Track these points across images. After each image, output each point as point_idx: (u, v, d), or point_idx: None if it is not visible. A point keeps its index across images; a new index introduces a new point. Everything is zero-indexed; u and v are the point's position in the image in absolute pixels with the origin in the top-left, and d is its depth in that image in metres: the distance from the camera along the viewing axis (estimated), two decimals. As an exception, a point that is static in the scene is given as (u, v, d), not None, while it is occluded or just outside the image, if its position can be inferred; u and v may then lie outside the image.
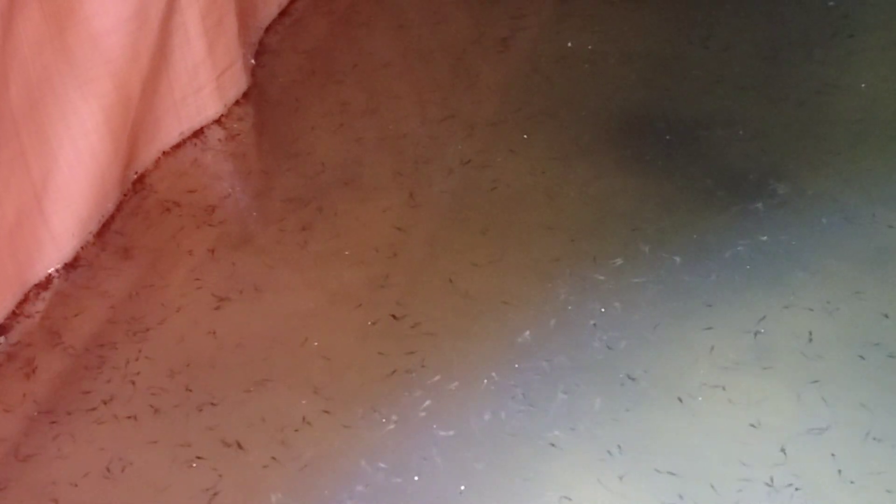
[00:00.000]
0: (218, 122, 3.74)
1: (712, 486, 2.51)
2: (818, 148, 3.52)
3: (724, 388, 2.73)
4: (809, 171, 3.42)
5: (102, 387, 2.82)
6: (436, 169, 3.52)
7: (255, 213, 3.41)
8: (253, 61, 4.01)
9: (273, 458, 2.62)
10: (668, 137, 3.60)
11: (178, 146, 3.63)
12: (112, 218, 3.34)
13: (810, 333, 2.86)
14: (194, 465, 2.62)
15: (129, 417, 2.74)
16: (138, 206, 3.41)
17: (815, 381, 2.74)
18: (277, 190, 3.49)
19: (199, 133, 3.69)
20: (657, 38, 4.10)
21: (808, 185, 3.36)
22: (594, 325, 2.92)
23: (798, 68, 3.89)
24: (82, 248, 3.23)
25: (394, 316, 2.98)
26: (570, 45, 4.08)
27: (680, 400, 2.71)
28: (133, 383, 2.83)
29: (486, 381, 2.79)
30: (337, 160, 3.59)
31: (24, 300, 3.07)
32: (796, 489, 2.50)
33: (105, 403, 2.78)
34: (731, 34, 4.09)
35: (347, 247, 3.24)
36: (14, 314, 3.03)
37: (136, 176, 3.49)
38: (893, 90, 3.78)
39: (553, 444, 2.62)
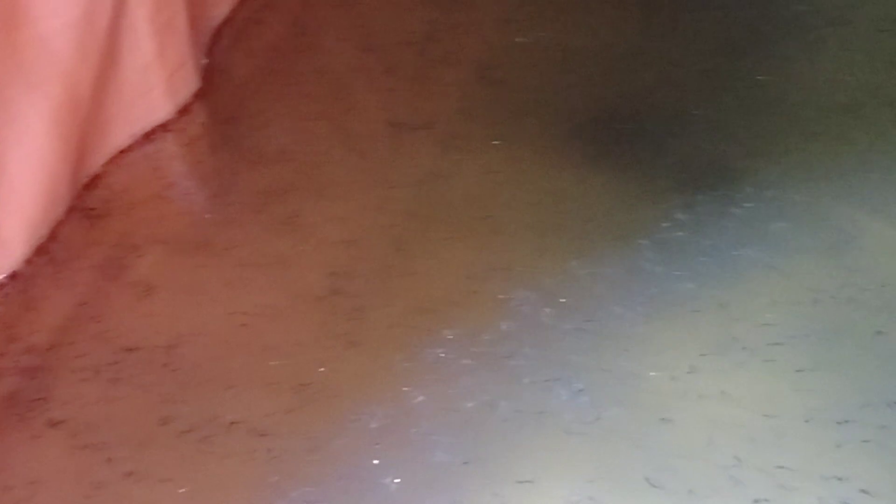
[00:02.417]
0: (169, 123, 3.69)
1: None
2: (775, 142, 3.56)
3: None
4: (767, 165, 3.46)
5: (53, 394, 2.77)
6: (395, 168, 3.51)
7: (209, 215, 3.38)
8: (205, 61, 3.96)
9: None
10: (624, 133, 3.62)
11: (129, 148, 3.58)
12: (63, 222, 3.29)
13: (769, 326, 2.89)
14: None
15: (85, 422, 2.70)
16: (90, 210, 3.36)
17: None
18: (232, 190, 3.45)
19: (150, 134, 3.64)
20: (611, 33, 4.13)
21: (765, 180, 3.39)
22: (549, 312, 2.93)
23: (756, 63, 3.93)
24: (33, 253, 3.17)
25: (355, 313, 2.96)
26: (519, 40, 4.09)
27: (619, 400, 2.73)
28: (85, 391, 2.79)
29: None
30: (292, 160, 3.56)
31: (-26, 308, 3.02)
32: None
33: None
34: (688, 28, 4.12)
35: (307, 247, 3.21)
36: (-36, 322, 2.97)
37: (87, 179, 3.44)
38: (850, 85, 3.82)
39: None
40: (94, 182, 3.45)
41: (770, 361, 2.80)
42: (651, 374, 2.78)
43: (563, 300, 2.99)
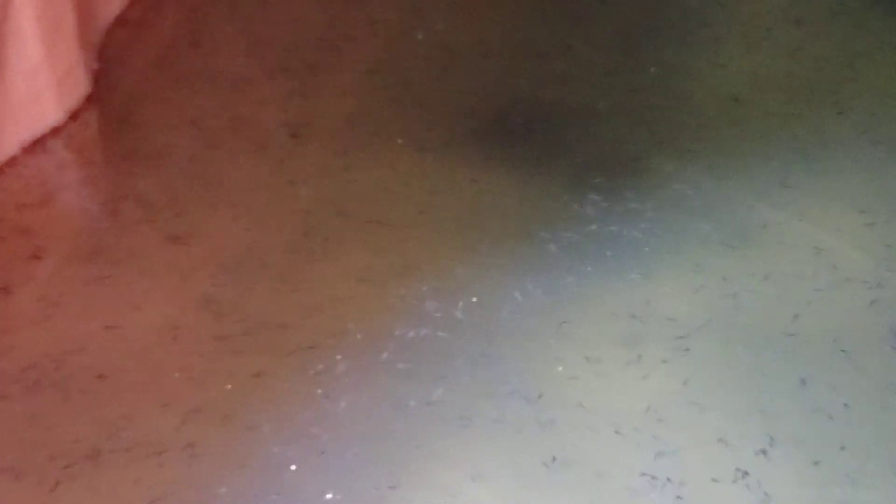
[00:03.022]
0: (60, 128, 3.58)
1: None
2: (680, 135, 3.60)
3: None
4: (673, 158, 3.49)
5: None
6: (290, 172, 3.45)
7: (104, 223, 3.28)
8: (96, 65, 3.86)
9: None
10: (525, 129, 3.62)
11: (18, 156, 3.46)
12: (-50, 234, 3.18)
13: (674, 320, 2.92)
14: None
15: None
16: (-22, 221, 3.25)
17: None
18: (128, 197, 3.36)
19: (40, 141, 3.52)
20: (510, 27, 4.14)
21: (672, 173, 3.42)
22: (460, 318, 2.92)
23: (660, 56, 3.97)
24: (-82, 269, 3.06)
25: (262, 323, 2.92)
26: (420, 37, 4.07)
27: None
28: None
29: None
30: (187, 164, 3.49)
31: None
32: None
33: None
34: (592, 23, 4.15)
35: (204, 254, 3.14)
36: None
37: (-26, 189, 3.33)
38: (752, 76, 3.88)
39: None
40: (-19, 192, 3.34)
41: (678, 353, 2.83)
42: (559, 368, 2.80)
43: (472, 298, 2.98)
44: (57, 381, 2.76)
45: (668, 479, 2.52)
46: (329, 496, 2.49)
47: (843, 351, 2.83)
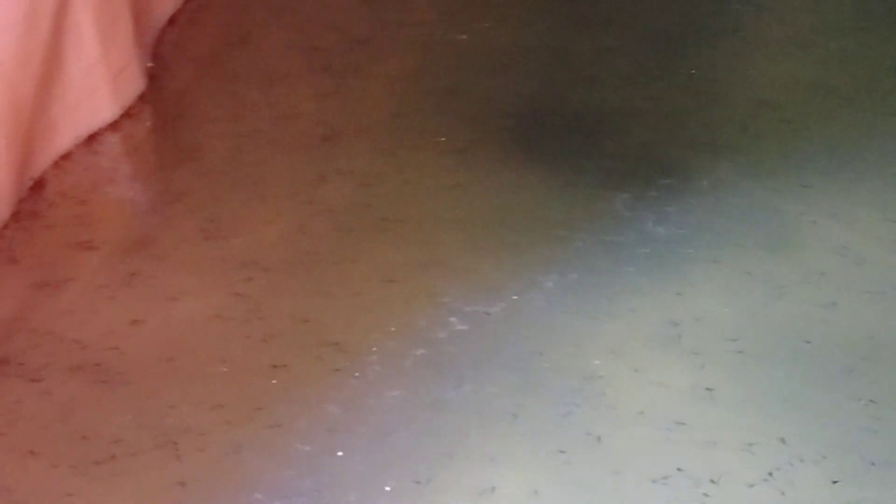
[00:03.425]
0: (115, 124, 3.66)
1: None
2: (713, 137, 3.62)
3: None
4: (704, 159, 3.51)
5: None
6: (337, 168, 3.51)
7: (154, 216, 3.36)
8: (150, 63, 3.94)
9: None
10: (565, 129, 3.65)
11: (74, 150, 3.54)
12: (8, 225, 3.25)
13: (711, 321, 2.93)
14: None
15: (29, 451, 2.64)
16: (35, 213, 3.32)
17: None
18: (176, 192, 3.43)
19: (95, 136, 3.61)
20: (549, 31, 4.16)
21: (703, 174, 3.44)
22: (486, 313, 2.94)
23: (693, 58, 3.98)
24: (-23, 257, 3.15)
25: (295, 319, 2.95)
26: (463, 37, 4.11)
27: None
28: (35, 393, 2.76)
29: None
30: (235, 162, 3.56)
31: (-83, 313, 2.97)
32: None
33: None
34: (626, 25, 4.17)
35: (253, 247, 3.20)
36: None
37: (31, 182, 3.40)
38: (789, 79, 3.89)
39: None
40: (39, 185, 3.41)
41: (715, 353, 2.85)
42: (594, 364, 2.82)
43: (509, 296, 3.01)
44: (95, 370, 2.81)
45: (705, 478, 2.53)
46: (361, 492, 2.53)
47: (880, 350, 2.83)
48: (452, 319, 2.93)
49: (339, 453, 2.57)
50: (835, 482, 2.50)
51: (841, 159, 3.50)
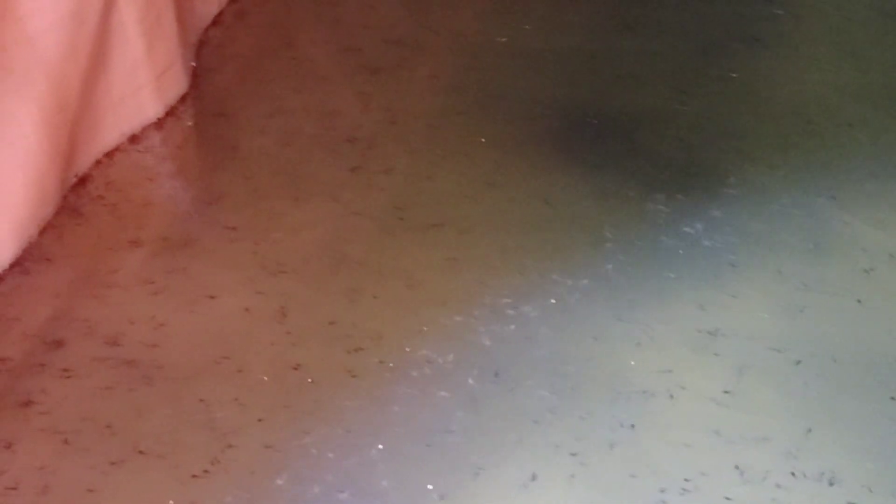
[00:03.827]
0: (158, 122, 3.70)
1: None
2: (751, 141, 3.60)
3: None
4: (742, 164, 3.49)
5: (41, 395, 2.78)
6: (375, 169, 3.53)
7: (196, 214, 3.39)
8: (193, 63, 3.97)
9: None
10: (602, 131, 3.64)
11: (118, 147, 3.59)
12: (52, 221, 3.29)
13: (753, 326, 2.91)
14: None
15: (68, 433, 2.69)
16: (79, 209, 3.36)
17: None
18: (218, 190, 3.47)
19: (139, 134, 3.65)
20: (589, 33, 4.16)
21: (741, 179, 3.43)
22: (523, 314, 2.94)
23: (732, 63, 3.96)
24: (22, 251, 3.18)
25: (326, 320, 2.97)
26: (503, 40, 4.12)
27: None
28: (75, 387, 2.79)
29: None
30: (275, 162, 3.58)
31: (-37, 305, 3.02)
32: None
33: (43, 415, 2.73)
34: (665, 29, 4.16)
35: (289, 247, 3.22)
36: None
37: (76, 178, 3.44)
38: (825, 85, 3.86)
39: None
40: (82, 181, 3.45)
41: (756, 359, 2.83)
42: (631, 364, 2.82)
43: (552, 299, 3.01)
44: (132, 365, 2.85)
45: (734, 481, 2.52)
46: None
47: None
48: (489, 320, 2.94)
49: (380, 446, 2.59)
50: (871, 490, 2.48)
51: (878, 166, 3.47)
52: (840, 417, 2.66)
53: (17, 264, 3.15)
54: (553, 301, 3.00)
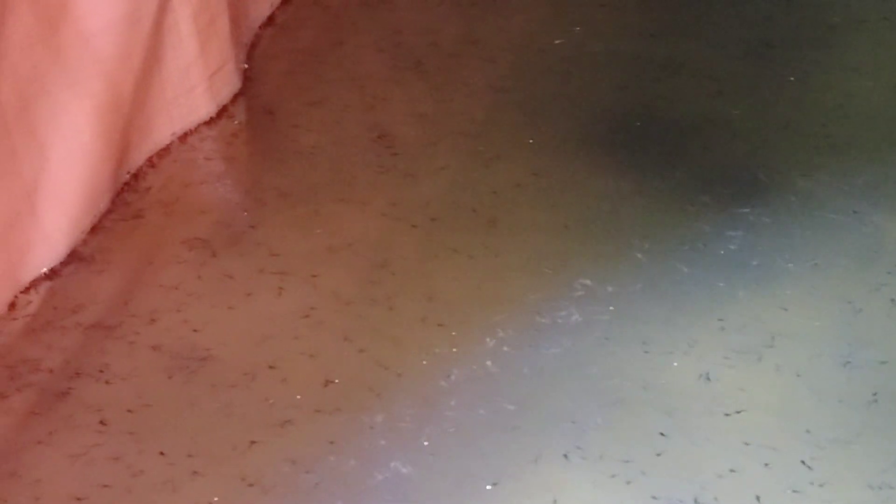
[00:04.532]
0: (210, 122, 3.74)
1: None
2: (802, 149, 3.56)
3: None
4: (795, 171, 3.45)
5: (96, 389, 2.82)
6: (429, 169, 3.54)
7: (247, 213, 3.42)
8: (246, 64, 4.02)
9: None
10: (653, 136, 3.63)
11: (170, 146, 3.63)
12: (104, 217, 3.34)
13: (788, 334, 2.88)
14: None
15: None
16: (131, 206, 3.41)
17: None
18: (270, 190, 3.49)
19: (191, 133, 3.70)
20: (639, 37, 4.14)
21: (791, 187, 3.38)
22: (569, 319, 2.94)
23: (785, 68, 3.92)
24: (75, 247, 3.23)
25: (378, 324, 2.98)
26: (557, 42, 4.12)
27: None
28: (131, 385, 2.83)
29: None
30: (326, 162, 3.61)
31: (15, 300, 3.06)
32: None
33: (98, 411, 2.77)
34: (718, 33, 4.13)
35: (341, 246, 3.24)
36: (5, 314, 3.02)
37: (128, 176, 3.49)
38: (878, 91, 3.81)
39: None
40: (135, 179, 3.50)
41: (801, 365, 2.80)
42: (674, 365, 2.81)
43: (598, 304, 3.01)
44: (186, 363, 2.88)
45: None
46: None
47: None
48: (536, 323, 2.94)
49: (426, 443, 2.61)
50: None
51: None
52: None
53: (72, 258, 3.20)
54: (598, 305, 2.99)
